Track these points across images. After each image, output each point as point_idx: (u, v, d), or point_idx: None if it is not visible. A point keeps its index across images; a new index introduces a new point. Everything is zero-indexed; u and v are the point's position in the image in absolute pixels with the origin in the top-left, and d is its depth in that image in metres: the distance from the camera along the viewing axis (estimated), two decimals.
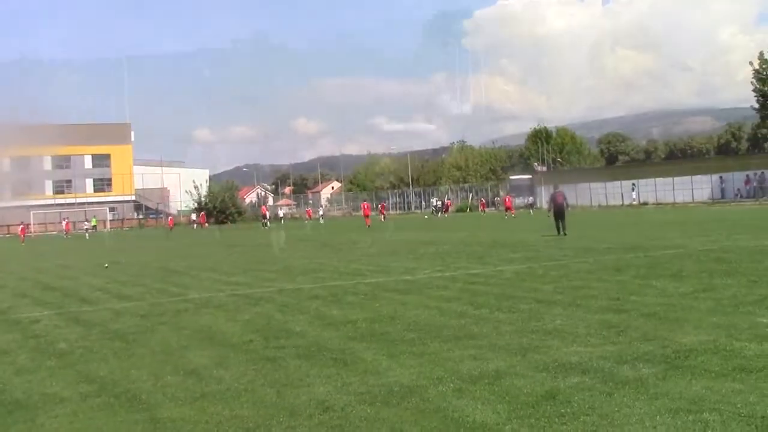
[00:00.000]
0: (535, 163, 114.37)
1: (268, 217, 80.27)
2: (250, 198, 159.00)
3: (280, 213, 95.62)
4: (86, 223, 76.45)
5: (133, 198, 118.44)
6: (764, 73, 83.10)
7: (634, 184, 78.89)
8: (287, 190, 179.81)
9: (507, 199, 67.77)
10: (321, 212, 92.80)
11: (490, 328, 10.21)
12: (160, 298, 16.25)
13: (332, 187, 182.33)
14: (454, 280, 16.45)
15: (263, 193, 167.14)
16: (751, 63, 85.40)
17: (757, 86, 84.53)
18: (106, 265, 26.40)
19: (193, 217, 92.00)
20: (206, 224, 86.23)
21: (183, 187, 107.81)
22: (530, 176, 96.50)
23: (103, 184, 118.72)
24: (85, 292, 18.47)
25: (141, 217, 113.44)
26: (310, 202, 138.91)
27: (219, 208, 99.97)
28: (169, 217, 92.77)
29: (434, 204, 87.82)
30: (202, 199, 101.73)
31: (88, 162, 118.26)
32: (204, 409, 7.09)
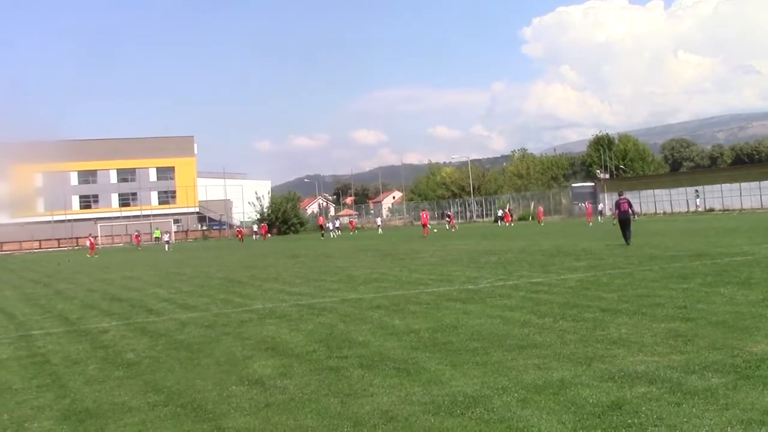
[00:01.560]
0: (598, 171, 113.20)
1: (333, 227, 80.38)
2: (312, 208, 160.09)
3: (332, 225, 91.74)
4: (166, 235, 75.99)
5: (197, 210, 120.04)
6: None
7: (697, 191, 77.59)
8: (348, 200, 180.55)
9: (587, 207, 67.13)
10: (379, 222, 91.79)
11: (554, 337, 10.12)
12: (224, 308, 16.42)
13: (393, 197, 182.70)
14: (517, 288, 16.34)
15: (325, 204, 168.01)
16: None
17: None
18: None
19: (255, 228, 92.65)
20: (268, 235, 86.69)
21: (246, 199, 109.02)
22: (593, 184, 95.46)
23: (167, 197, 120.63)
24: (151, 302, 18.76)
25: (205, 228, 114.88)
26: (371, 212, 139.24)
27: (281, 218, 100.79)
28: (239, 229, 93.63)
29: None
30: (265, 210, 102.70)
31: (152, 175, 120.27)
32: (268, 419, 7.14)
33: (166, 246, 69.02)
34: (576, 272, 19.21)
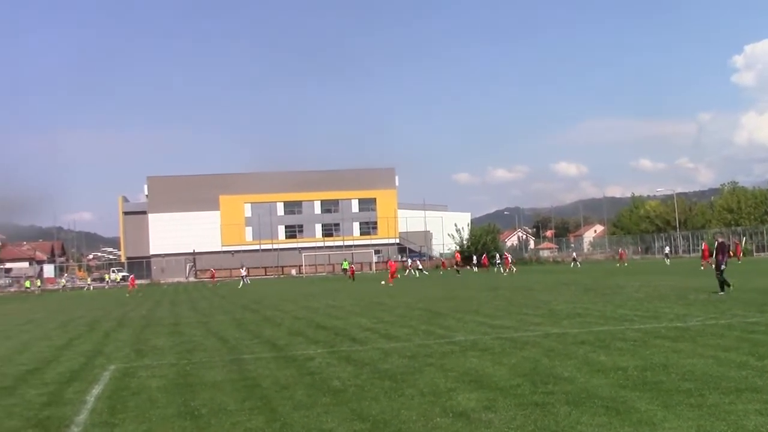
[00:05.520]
0: None
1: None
2: (512, 241, 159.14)
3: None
4: (243, 269, 73.97)
5: (397, 241, 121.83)
6: None
7: None
8: (549, 233, 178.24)
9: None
10: (575, 255, 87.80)
11: None
12: (426, 339, 16.52)
13: (595, 230, 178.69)
14: (731, 328, 15.54)
15: (524, 237, 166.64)
16: None
17: None
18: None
19: (418, 263, 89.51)
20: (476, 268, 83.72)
21: (445, 231, 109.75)
22: None
23: (368, 228, 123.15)
24: (354, 331, 19.14)
25: (404, 259, 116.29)
26: (572, 246, 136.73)
27: (480, 251, 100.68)
28: (351, 267, 77.34)
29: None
30: (464, 242, 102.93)
31: (354, 206, 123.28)
32: None
33: (242, 281, 68.50)
34: None
